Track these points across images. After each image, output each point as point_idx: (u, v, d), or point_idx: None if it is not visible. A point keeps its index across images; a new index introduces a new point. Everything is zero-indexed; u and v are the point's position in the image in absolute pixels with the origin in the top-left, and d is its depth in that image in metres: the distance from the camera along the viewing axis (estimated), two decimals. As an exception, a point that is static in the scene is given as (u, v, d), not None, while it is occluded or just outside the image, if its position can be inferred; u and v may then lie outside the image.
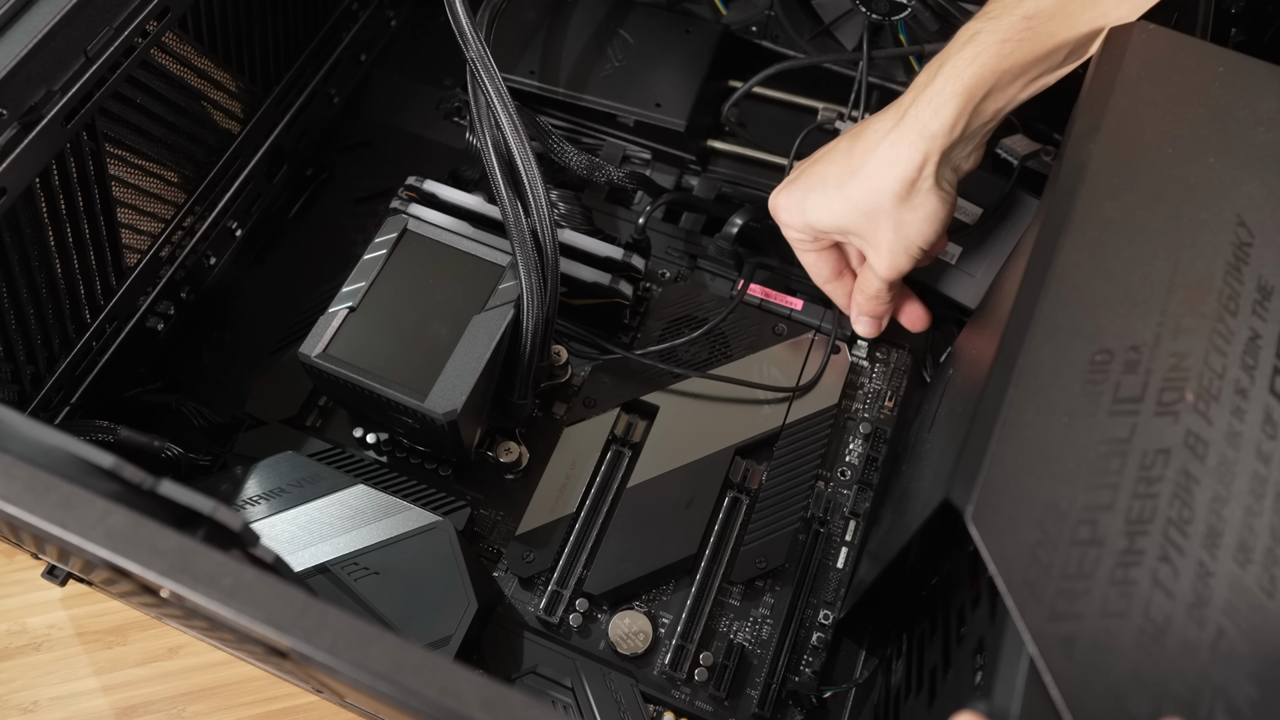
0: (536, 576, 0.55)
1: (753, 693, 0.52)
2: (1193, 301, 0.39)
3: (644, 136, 0.66)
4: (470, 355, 0.51)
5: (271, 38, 0.63)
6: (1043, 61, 0.47)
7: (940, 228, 0.51)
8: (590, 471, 0.57)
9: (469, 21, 0.53)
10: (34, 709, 0.56)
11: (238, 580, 0.29)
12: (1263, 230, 0.41)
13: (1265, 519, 0.34)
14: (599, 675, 0.52)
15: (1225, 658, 0.32)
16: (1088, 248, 0.40)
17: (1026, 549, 0.33)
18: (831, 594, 0.55)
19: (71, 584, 0.56)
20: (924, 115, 0.47)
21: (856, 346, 0.62)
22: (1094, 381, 0.37)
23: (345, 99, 0.72)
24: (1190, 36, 0.47)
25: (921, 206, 0.50)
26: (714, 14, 0.69)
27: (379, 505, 0.51)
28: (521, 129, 0.53)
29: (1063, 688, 0.31)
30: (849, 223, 0.52)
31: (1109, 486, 0.34)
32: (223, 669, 0.57)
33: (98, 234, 0.53)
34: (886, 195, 0.49)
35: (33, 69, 0.45)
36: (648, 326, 0.61)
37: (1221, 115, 0.43)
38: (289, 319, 0.62)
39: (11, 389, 0.52)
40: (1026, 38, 0.46)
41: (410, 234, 0.54)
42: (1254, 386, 0.37)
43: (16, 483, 0.30)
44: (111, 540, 0.29)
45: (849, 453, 0.59)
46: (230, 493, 0.52)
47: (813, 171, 0.53)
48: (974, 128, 0.48)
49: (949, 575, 0.43)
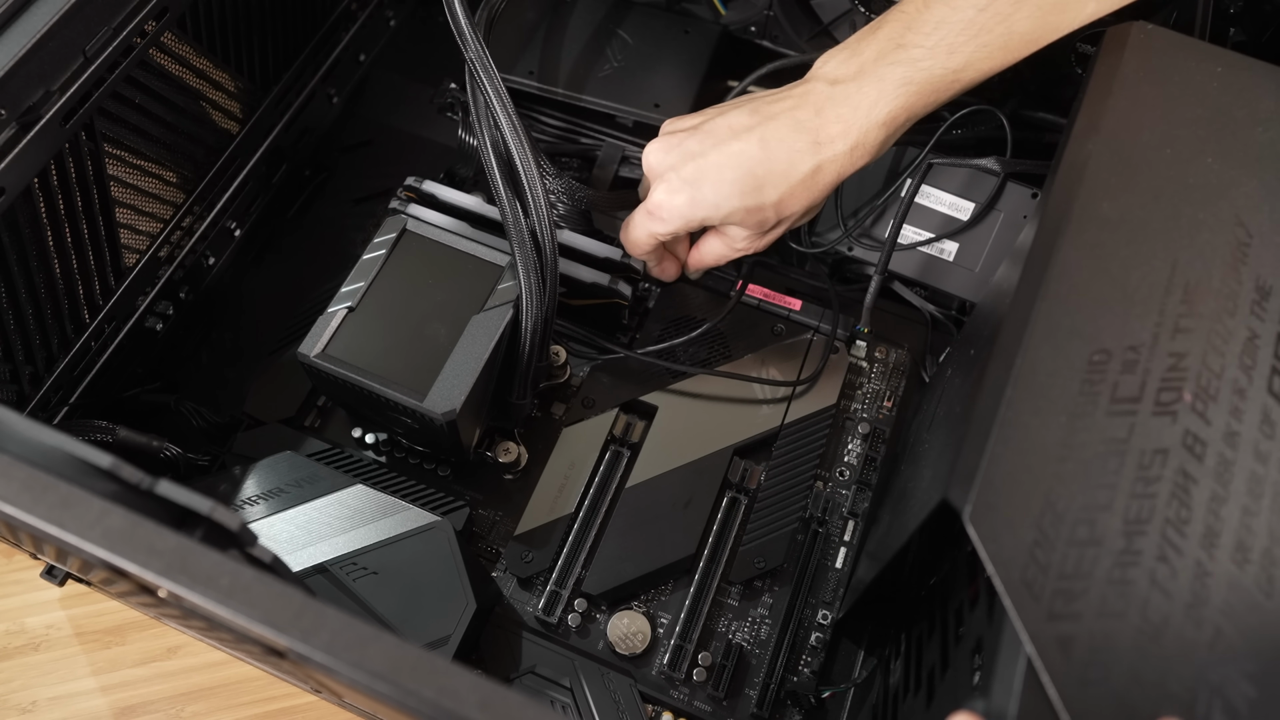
0: (535, 576, 0.55)
1: (751, 693, 0.52)
2: (1191, 302, 0.39)
3: (643, 137, 0.66)
4: (469, 355, 0.51)
5: (270, 38, 0.63)
6: (958, 94, 0.51)
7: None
8: (589, 471, 0.57)
9: (468, 22, 0.53)
10: (32, 709, 0.56)
11: (235, 580, 0.29)
12: (1261, 230, 0.41)
13: (1263, 519, 0.34)
14: (597, 675, 0.52)
15: (1223, 658, 0.32)
16: (1086, 247, 0.40)
17: (1024, 549, 0.33)
18: (830, 594, 0.55)
19: (70, 584, 0.56)
20: (840, 148, 0.50)
21: (855, 347, 0.62)
22: (1092, 381, 0.37)
23: (344, 99, 0.72)
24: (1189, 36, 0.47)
25: (815, 213, 0.55)
26: (713, 14, 0.69)
27: (378, 505, 0.51)
28: (521, 129, 0.53)
29: (1060, 688, 0.31)
30: (739, 219, 0.53)
31: (1107, 487, 0.34)
32: (221, 669, 0.57)
33: (96, 234, 0.53)
34: (796, 213, 0.53)
35: (31, 69, 0.45)
36: (646, 327, 0.61)
37: (1220, 115, 0.44)
38: (288, 319, 0.62)
39: (10, 389, 0.52)
40: (951, 87, 0.50)
41: (409, 234, 0.54)
42: (1252, 387, 0.37)
43: (15, 483, 0.30)
44: (109, 540, 0.29)
45: (847, 453, 0.59)
46: (229, 493, 0.52)
47: (704, 167, 0.51)
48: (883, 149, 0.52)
49: (947, 575, 0.43)
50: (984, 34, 0.47)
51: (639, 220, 0.54)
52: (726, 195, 0.51)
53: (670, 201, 0.52)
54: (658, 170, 0.53)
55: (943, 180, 0.61)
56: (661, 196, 0.52)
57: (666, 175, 0.52)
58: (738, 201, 0.51)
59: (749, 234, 0.54)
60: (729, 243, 0.55)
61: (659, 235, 0.54)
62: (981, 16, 0.47)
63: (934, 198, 0.61)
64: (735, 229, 0.54)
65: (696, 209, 0.52)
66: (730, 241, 0.55)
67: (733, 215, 0.52)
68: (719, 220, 0.52)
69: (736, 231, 0.54)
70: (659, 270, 0.59)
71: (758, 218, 0.52)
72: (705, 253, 0.57)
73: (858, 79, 0.49)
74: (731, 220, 0.52)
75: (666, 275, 0.59)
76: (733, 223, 0.53)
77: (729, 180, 0.51)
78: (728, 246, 0.56)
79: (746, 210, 0.51)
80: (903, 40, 0.49)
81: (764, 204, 0.51)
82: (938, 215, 0.61)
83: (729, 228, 0.54)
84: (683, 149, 0.52)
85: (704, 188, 0.51)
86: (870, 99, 0.49)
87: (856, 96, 0.49)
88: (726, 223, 0.53)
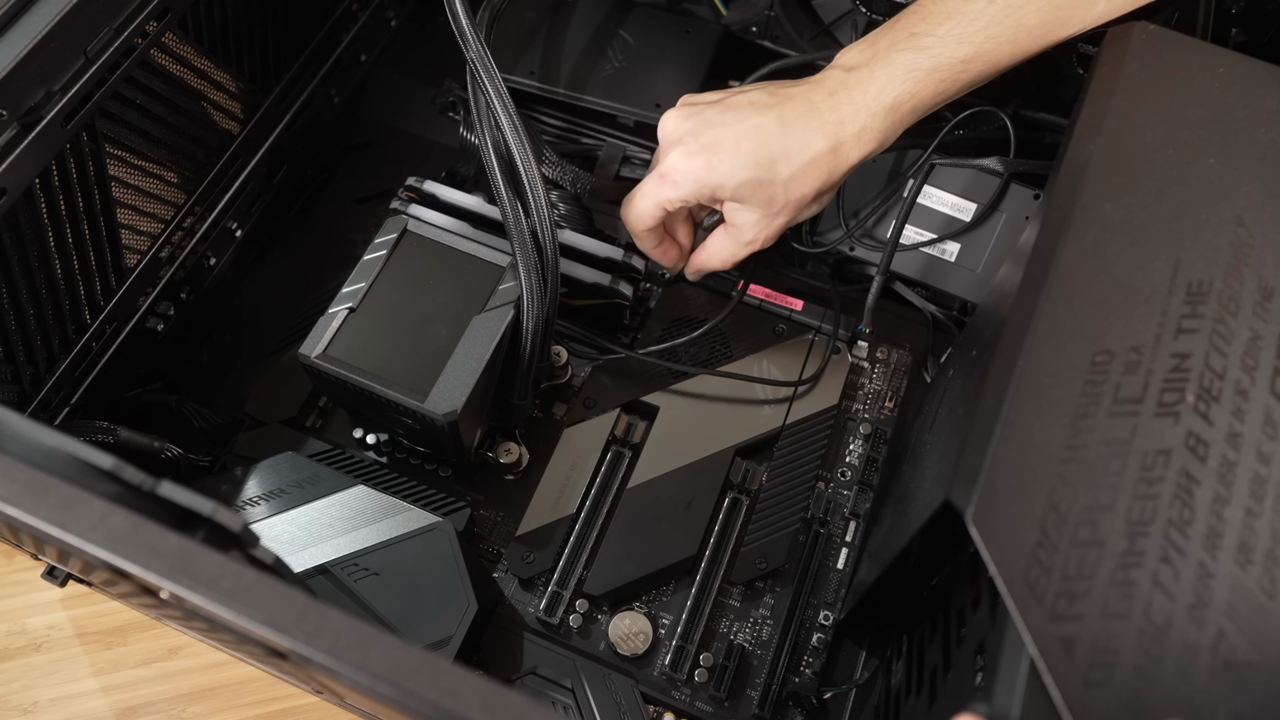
0: (536, 577, 0.55)
1: (753, 693, 0.52)
2: (1193, 303, 0.39)
3: (644, 137, 0.66)
4: (470, 356, 0.51)
5: (271, 38, 0.63)
6: (966, 87, 0.51)
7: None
8: (590, 472, 0.57)
9: (469, 22, 0.53)
10: (34, 710, 0.56)
11: (237, 581, 0.29)
12: (1263, 231, 0.41)
13: (1266, 520, 0.34)
14: (599, 676, 0.52)
15: (1226, 659, 0.32)
16: (1088, 248, 0.40)
17: (1027, 550, 0.33)
18: (832, 595, 0.55)
19: (71, 585, 0.56)
20: (848, 131, 0.51)
21: (857, 347, 0.62)
22: (1094, 382, 0.36)
23: (345, 99, 0.72)
24: (1190, 37, 0.47)
25: (820, 207, 0.55)
26: (714, 14, 0.69)
27: (379, 506, 0.51)
28: (522, 129, 0.53)
29: (1063, 689, 0.31)
30: (749, 193, 0.53)
31: (1109, 487, 0.34)
32: (223, 670, 0.57)
33: (97, 235, 0.53)
34: (804, 195, 0.53)
35: (32, 70, 0.45)
36: (648, 327, 0.61)
37: (1222, 116, 0.43)
38: (289, 319, 0.62)
39: (11, 390, 0.52)
40: (959, 78, 0.50)
41: (410, 234, 0.54)
42: (1254, 387, 0.37)
43: (16, 484, 0.30)
44: (111, 541, 0.29)
45: (849, 453, 0.59)
46: (230, 494, 0.52)
47: (722, 136, 0.52)
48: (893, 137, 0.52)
49: (949, 576, 0.43)
50: (994, 25, 0.48)
51: (648, 187, 0.54)
52: (741, 165, 0.51)
53: (686, 165, 0.52)
54: (675, 135, 0.53)
55: (945, 181, 0.61)
56: (677, 160, 0.52)
57: (684, 139, 0.52)
58: (751, 173, 0.51)
59: (757, 218, 0.53)
60: (737, 236, 0.55)
61: (668, 202, 0.54)
62: (992, 8, 0.48)
63: (936, 198, 0.61)
64: (744, 214, 0.53)
65: (711, 175, 0.52)
66: (739, 234, 0.55)
67: (743, 188, 0.52)
68: (730, 191, 0.52)
69: (745, 217, 0.54)
70: (658, 253, 0.58)
71: (767, 193, 0.52)
72: (712, 253, 0.57)
73: (870, 65, 0.50)
74: (741, 194, 0.52)
75: (667, 259, 0.59)
76: (742, 197, 0.52)
77: (745, 151, 0.51)
78: (735, 242, 0.55)
79: (758, 183, 0.51)
80: (915, 29, 0.50)
81: (775, 179, 0.51)
82: (940, 216, 0.61)
83: (737, 214, 0.54)
84: (702, 116, 0.52)
85: (720, 154, 0.51)
86: (879, 84, 0.50)
87: (867, 81, 0.50)
88: (735, 197, 0.53)
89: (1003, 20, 0.48)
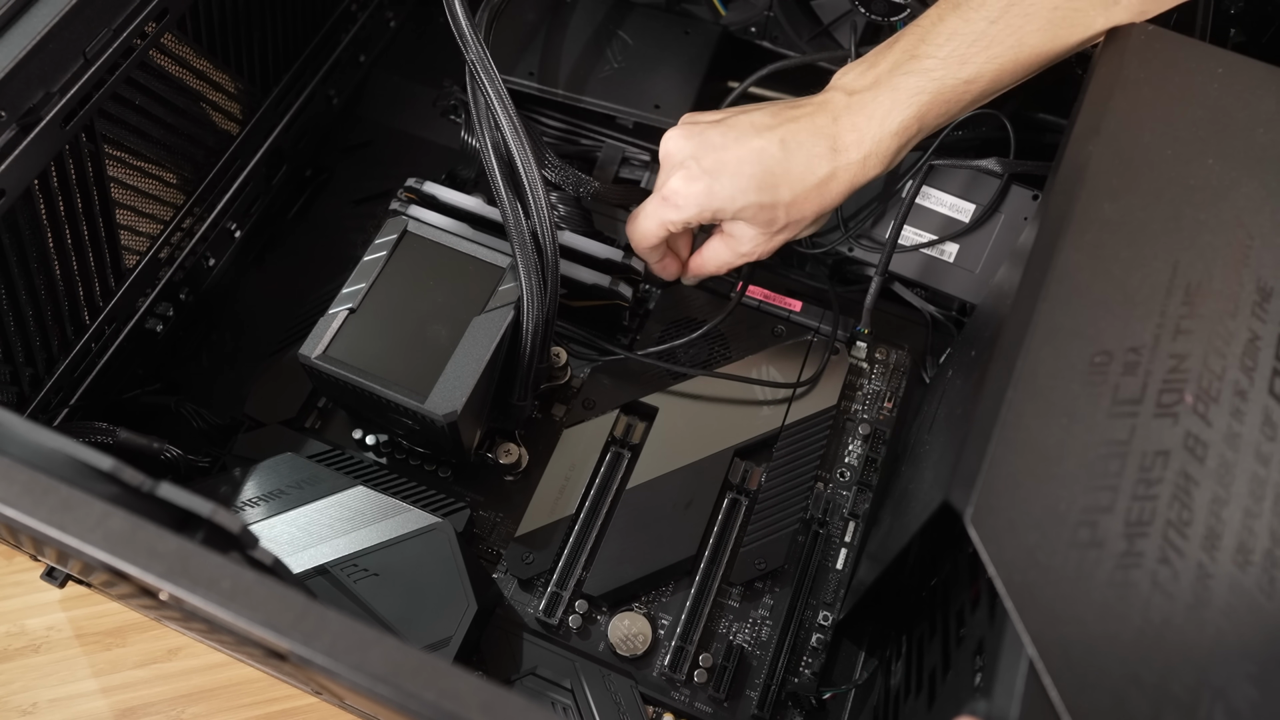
0: (536, 578, 0.55)
1: (752, 694, 0.52)
2: (1192, 303, 0.39)
3: (643, 138, 0.66)
4: (470, 357, 0.51)
5: (270, 39, 0.63)
6: (969, 106, 0.51)
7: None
8: (589, 473, 0.57)
9: (468, 23, 0.53)
10: (33, 711, 0.56)
11: (236, 583, 0.29)
12: (1262, 231, 0.41)
13: (1264, 521, 0.34)
14: (598, 677, 0.52)
15: (1224, 660, 0.32)
16: (1087, 249, 0.40)
17: (1026, 551, 0.33)
18: (831, 595, 0.55)
19: (70, 586, 0.56)
20: (853, 156, 0.51)
21: (855, 348, 0.62)
22: (1093, 383, 0.37)
23: (344, 100, 0.72)
24: (1190, 38, 0.47)
25: (821, 224, 0.55)
26: (713, 15, 0.69)
27: (378, 507, 0.51)
28: (522, 130, 0.53)
29: (1062, 690, 0.31)
30: (751, 215, 0.53)
31: (1108, 488, 0.34)
32: (222, 671, 0.57)
33: (96, 235, 0.53)
34: (805, 217, 0.53)
35: (31, 70, 0.45)
36: (647, 328, 0.61)
37: (1221, 116, 0.43)
38: (288, 320, 0.62)
39: (10, 391, 0.52)
40: (962, 98, 0.50)
41: (410, 235, 0.54)
42: (1253, 388, 0.37)
43: (15, 485, 0.30)
44: (110, 543, 0.29)
45: (848, 454, 0.59)
46: (229, 495, 0.52)
47: (724, 159, 0.52)
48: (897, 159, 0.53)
49: (948, 577, 0.43)
50: (995, 45, 0.48)
51: (651, 208, 0.54)
52: (743, 189, 0.51)
53: (687, 189, 0.52)
54: (677, 158, 0.53)
55: (944, 181, 0.61)
56: (679, 184, 0.53)
57: (686, 163, 0.52)
58: (753, 197, 0.51)
59: (756, 234, 0.54)
60: (734, 246, 0.55)
61: (671, 224, 0.54)
62: (993, 29, 0.48)
63: (935, 199, 0.61)
64: (743, 228, 0.54)
65: (712, 199, 0.52)
66: (736, 245, 0.55)
67: (745, 210, 0.52)
68: (731, 214, 0.52)
69: (744, 231, 0.54)
70: (660, 267, 0.59)
71: (769, 215, 0.52)
72: (708, 258, 0.57)
73: (873, 89, 0.50)
74: (743, 216, 0.52)
75: (667, 273, 0.59)
76: (744, 219, 0.53)
77: (747, 174, 0.51)
78: (732, 251, 0.55)
79: (760, 206, 0.51)
80: (916, 52, 0.49)
81: (777, 203, 0.51)
82: (939, 216, 0.61)
83: (737, 227, 0.54)
84: (704, 139, 0.52)
85: (722, 179, 0.51)
86: (884, 108, 0.50)
87: (871, 106, 0.50)
88: (738, 218, 0.53)
89: (1004, 39, 0.48)
